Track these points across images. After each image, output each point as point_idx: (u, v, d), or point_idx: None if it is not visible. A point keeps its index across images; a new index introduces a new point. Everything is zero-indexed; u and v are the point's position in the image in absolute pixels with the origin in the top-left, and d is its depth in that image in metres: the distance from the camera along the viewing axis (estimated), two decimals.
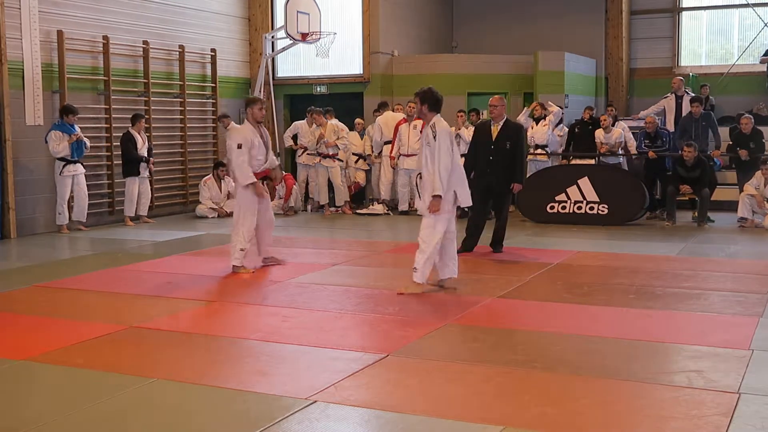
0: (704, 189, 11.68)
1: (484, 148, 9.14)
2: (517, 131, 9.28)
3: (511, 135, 9.10)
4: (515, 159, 9.10)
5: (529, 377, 4.94)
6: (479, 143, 9.29)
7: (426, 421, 4.21)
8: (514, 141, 9.09)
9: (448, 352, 5.48)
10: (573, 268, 8.41)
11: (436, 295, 7.23)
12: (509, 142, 9.06)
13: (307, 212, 14.22)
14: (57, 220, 11.70)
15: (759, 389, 4.62)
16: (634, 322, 6.29)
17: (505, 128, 9.11)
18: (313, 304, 6.99)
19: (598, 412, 4.36)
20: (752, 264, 8.71)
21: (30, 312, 6.87)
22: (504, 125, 9.13)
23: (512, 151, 9.06)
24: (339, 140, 13.61)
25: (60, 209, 11.66)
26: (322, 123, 13.63)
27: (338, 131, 13.67)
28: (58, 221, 11.70)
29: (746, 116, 12.62)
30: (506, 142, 9.06)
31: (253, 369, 5.17)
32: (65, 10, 12.04)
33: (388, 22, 15.48)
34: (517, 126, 9.60)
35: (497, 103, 9.16)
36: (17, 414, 4.44)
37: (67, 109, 11.54)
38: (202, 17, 14.57)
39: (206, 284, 7.88)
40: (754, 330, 5.91)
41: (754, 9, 15.57)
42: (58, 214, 11.69)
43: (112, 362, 5.36)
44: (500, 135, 9.08)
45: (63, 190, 11.62)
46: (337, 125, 13.75)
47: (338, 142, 13.61)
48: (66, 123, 11.51)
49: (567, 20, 16.77)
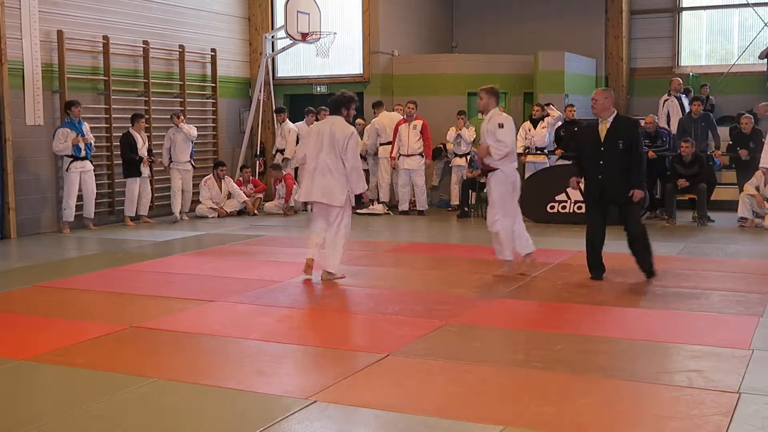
0: (701, 184, 11.67)
1: (593, 151, 7.81)
2: (630, 128, 7.83)
3: (623, 133, 7.70)
4: (632, 160, 7.67)
5: (529, 377, 4.94)
6: (586, 146, 7.98)
7: (426, 421, 4.21)
8: (628, 139, 7.68)
9: (448, 352, 5.47)
10: (573, 268, 8.40)
11: (436, 295, 7.23)
12: (622, 141, 7.66)
13: (307, 212, 14.21)
14: (63, 216, 11.68)
15: (759, 389, 4.62)
16: (634, 322, 6.30)
17: (615, 125, 7.71)
18: (313, 304, 6.99)
19: (598, 412, 4.36)
20: (752, 264, 8.71)
21: (30, 312, 6.88)
22: (614, 122, 7.73)
23: (626, 151, 7.65)
24: None
25: (66, 204, 11.65)
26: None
27: None
28: (64, 217, 11.68)
29: (746, 116, 12.62)
30: (618, 141, 7.66)
31: (253, 369, 5.17)
32: (65, 10, 12.04)
33: (388, 22, 15.48)
34: (631, 122, 8.10)
35: (598, 96, 7.80)
36: (17, 414, 4.44)
37: (68, 103, 11.58)
38: (202, 17, 14.57)
39: (206, 284, 7.88)
40: (754, 330, 5.91)
41: (754, 9, 15.56)
42: (63, 210, 11.67)
43: (112, 362, 5.35)
44: (609, 134, 7.69)
45: (70, 187, 11.62)
46: None
47: None
48: (73, 119, 11.54)
49: (567, 20, 16.77)
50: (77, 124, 11.59)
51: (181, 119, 12.99)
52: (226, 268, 8.65)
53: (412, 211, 13.64)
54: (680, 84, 14.08)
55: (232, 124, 15.42)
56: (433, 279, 8.10)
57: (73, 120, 11.56)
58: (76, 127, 11.56)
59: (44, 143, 11.67)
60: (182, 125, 12.93)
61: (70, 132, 11.48)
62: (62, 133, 11.48)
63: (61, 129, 11.52)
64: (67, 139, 11.45)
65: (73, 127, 11.54)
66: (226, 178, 13.71)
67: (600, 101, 7.73)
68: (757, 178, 11.50)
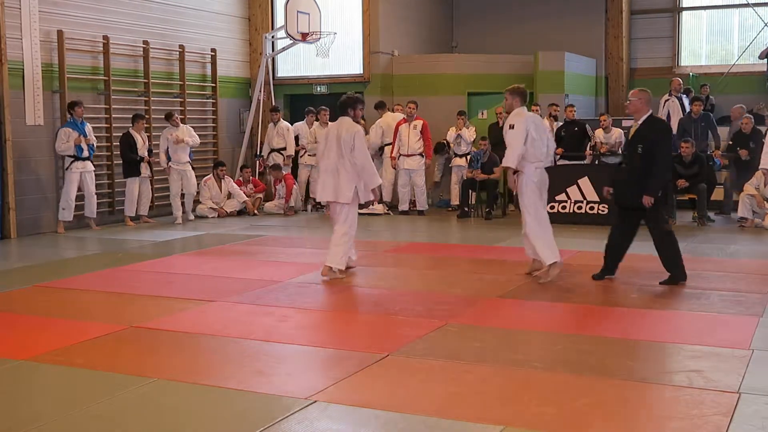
0: (701, 184, 11.67)
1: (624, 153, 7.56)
2: (656, 130, 7.41)
3: (646, 135, 7.35)
4: (649, 165, 7.29)
5: (529, 377, 4.94)
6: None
7: (426, 421, 4.21)
8: (649, 143, 7.30)
9: (448, 352, 5.47)
10: (573, 268, 8.40)
11: (436, 295, 7.23)
12: (642, 144, 7.33)
13: (307, 212, 14.23)
14: (60, 215, 11.68)
15: (759, 389, 4.62)
16: (634, 322, 6.29)
17: (642, 127, 7.42)
18: (313, 304, 6.99)
19: (598, 412, 4.36)
20: (752, 264, 8.71)
21: (30, 312, 6.88)
22: (642, 124, 7.42)
23: (646, 155, 7.31)
24: None
25: (64, 204, 11.64)
26: (325, 121, 13.74)
27: None
28: (60, 216, 11.68)
29: (746, 116, 12.63)
30: (638, 144, 7.36)
31: (253, 369, 5.17)
32: (65, 10, 12.04)
33: (388, 22, 15.47)
34: (658, 125, 7.62)
35: (632, 96, 7.50)
36: (17, 414, 4.44)
37: (72, 104, 11.58)
38: (202, 17, 14.57)
39: (206, 284, 7.88)
40: (754, 330, 5.91)
41: (754, 9, 15.56)
42: (61, 209, 11.66)
43: (112, 362, 5.36)
44: (634, 136, 7.48)
45: (69, 186, 11.62)
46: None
47: None
48: (76, 119, 11.53)
49: (567, 20, 16.76)
50: (80, 125, 11.59)
51: (175, 120, 12.90)
52: (226, 268, 8.64)
53: (412, 211, 13.64)
54: (680, 84, 14.08)
55: (232, 124, 15.42)
56: (433, 279, 8.10)
57: (76, 120, 11.56)
58: (78, 127, 11.56)
59: (44, 143, 11.68)
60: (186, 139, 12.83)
61: (72, 132, 11.48)
62: (64, 133, 11.49)
63: (63, 129, 11.53)
64: (69, 139, 11.46)
65: (76, 127, 11.54)
66: (226, 178, 13.71)
67: (633, 102, 7.49)
68: (757, 178, 11.50)
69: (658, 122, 7.84)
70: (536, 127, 7.80)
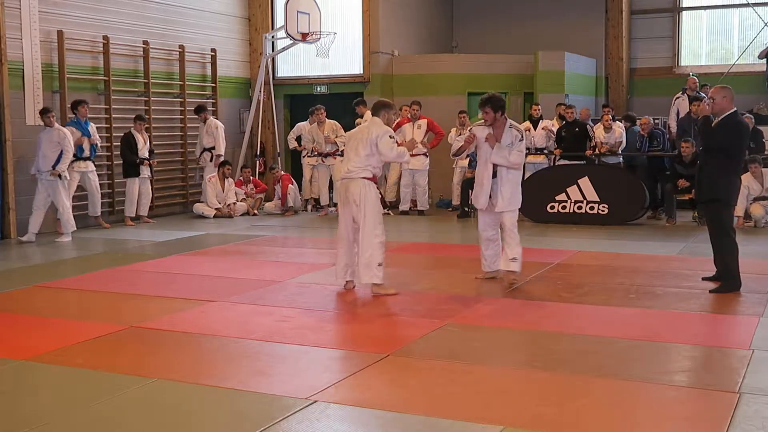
0: None
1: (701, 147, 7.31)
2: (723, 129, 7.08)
3: (715, 134, 7.13)
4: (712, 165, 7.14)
5: (529, 377, 4.94)
6: None
7: (426, 421, 4.21)
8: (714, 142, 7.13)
9: (448, 352, 5.47)
10: (573, 268, 8.40)
11: (436, 295, 7.23)
12: (710, 142, 7.21)
13: (307, 212, 14.23)
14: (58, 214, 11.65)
15: (759, 389, 4.61)
16: (634, 322, 6.29)
17: (716, 126, 7.15)
18: (313, 304, 6.99)
19: (598, 412, 4.36)
20: (752, 264, 8.69)
21: (30, 312, 6.88)
22: (719, 123, 7.13)
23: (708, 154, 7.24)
24: (338, 138, 13.63)
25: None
26: (323, 120, 13.71)
27: (336, 129, 13.76)
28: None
29: (746, 116, 12.61)
30: (709, 142, 7.25)
31: (253, 369, 5.17)
32: (65, 10, 12.04)
33: (388, 22, 15.47)
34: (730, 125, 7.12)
35: (716, 95, 7.14)
36: (17, 414, 4.44)
37: (75, 103, 11.55)
38: (202, 17, 14.57)
39: (206, 284, 7.88)
40: (754, 330, 5.91)
41: (754, 9, 15.55)
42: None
43: (112, 362, 5.36)
44: (708, 134, 7.27)
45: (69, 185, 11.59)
46: (335, 124, 13.83)
47: (337, 140, 13.63)
48: (80, 119, 11.52)
49: (567, 20, 16.76)
50: (83, 124, 11.58)
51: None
52: (226, 268, 8.64)
53: (413, 211, 13.64)
54: (696, 83, 13.95)
55: (232, 124, 15.41)
56: (433, 279, 8.09)
57: (80, 119, 11.55)
58: (81, 126, 11.54)
59: None
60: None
61: (74, 131, 11.46)
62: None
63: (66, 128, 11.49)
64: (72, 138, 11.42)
65: (79, 126, 11.52)
66: (229, 179, 13.69)
67: (718, 101, 7.11)
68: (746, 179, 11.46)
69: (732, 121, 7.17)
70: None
